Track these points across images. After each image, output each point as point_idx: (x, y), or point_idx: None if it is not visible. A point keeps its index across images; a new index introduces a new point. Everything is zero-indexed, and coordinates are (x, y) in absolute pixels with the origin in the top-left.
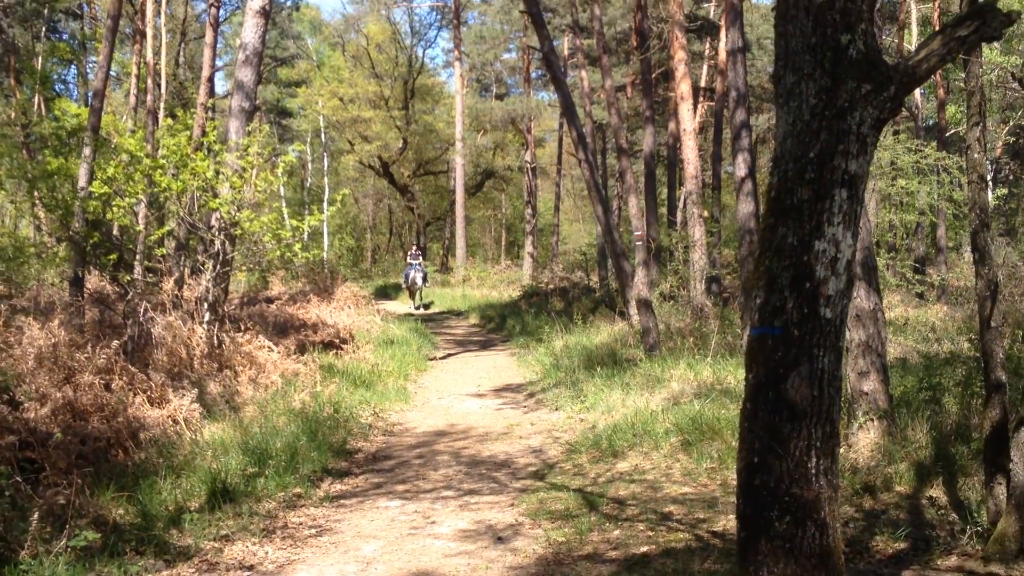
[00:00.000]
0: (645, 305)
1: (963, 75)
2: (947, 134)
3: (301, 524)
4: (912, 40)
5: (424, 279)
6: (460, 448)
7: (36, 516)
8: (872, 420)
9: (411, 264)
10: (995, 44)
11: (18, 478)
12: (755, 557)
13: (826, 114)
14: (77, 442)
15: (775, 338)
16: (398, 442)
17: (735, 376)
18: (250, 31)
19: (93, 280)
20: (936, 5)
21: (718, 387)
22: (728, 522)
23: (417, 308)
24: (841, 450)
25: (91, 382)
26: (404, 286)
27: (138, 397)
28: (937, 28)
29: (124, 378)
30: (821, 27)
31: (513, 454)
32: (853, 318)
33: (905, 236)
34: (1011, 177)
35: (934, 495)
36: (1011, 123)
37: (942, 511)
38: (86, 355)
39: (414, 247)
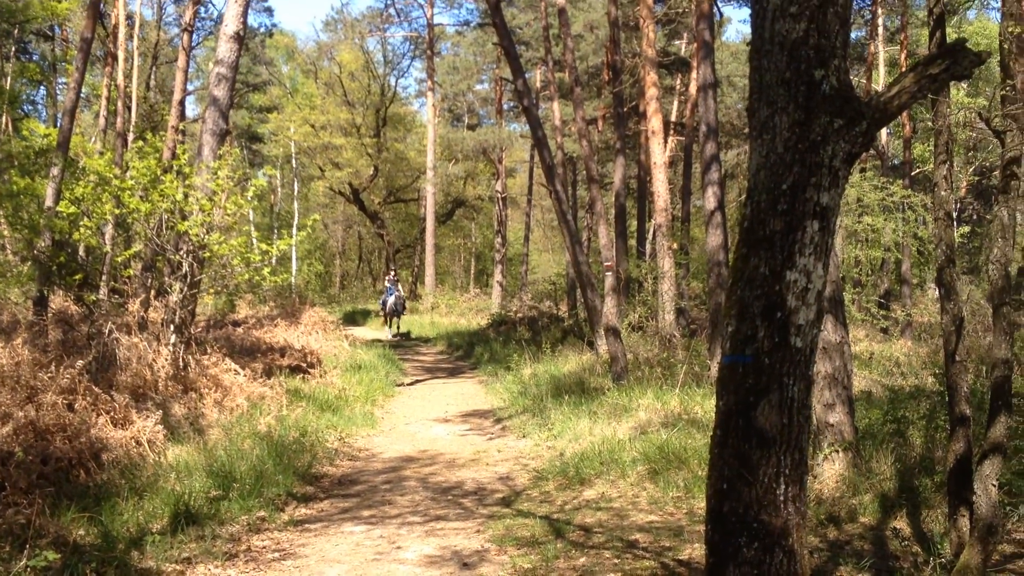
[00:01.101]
0: (613, 333)
1: (930, 115)
2: (913, 172)
3: (265, 548)
4: (880, 80)
5: (402, 306)
6: (427, 474)
7: None
8: (837, 451)
9: (388, 290)
10: (962, 85)
11: None
12: None
13: (799, 147)
14: (39, 462)
15: (746, 366)
16: (365, 467)
17: (702, 406)
18: (224, 53)
19: (58, 300)
20: (903, 47)
21: (685, 417)
22: (694, 551)
23: (394, 336)
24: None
25: (54, 402)
26: (380, 313)
27: (101, 418)
28: (904, 69)
29: (87, 398)
30: (795, 62)
31: (480, 481)
32: (820, 351)
33: (871, 272)
34: (975, 216)
35: (898, 527)
36: (976, 163)
37: (906, 543)
38: (49, 375)
39: (391, 273)
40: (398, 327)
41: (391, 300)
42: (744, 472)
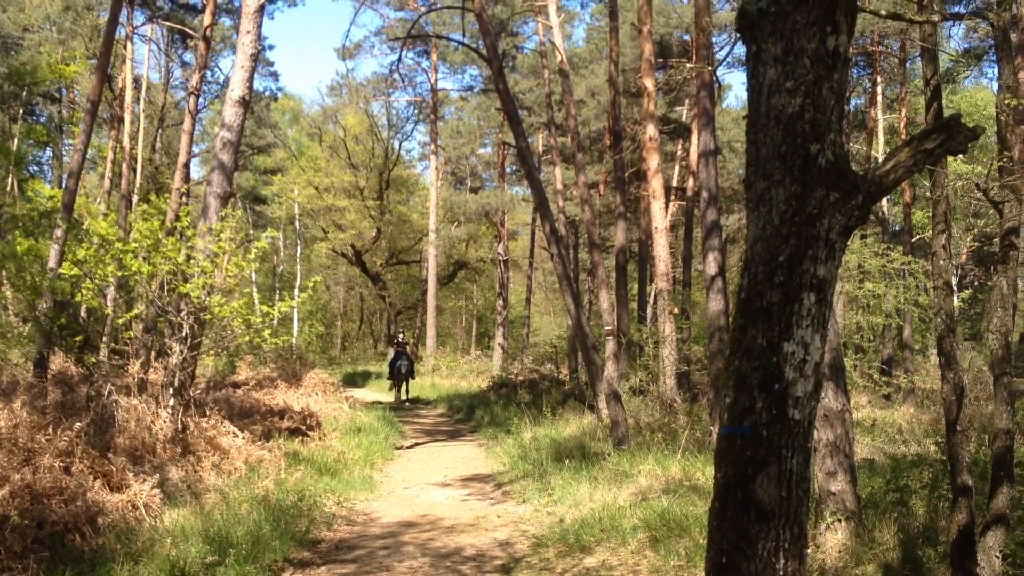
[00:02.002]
0: (615, 397)
1: (929, 183)
2: (914, 239)
3: None
4: (879, 147)
5: (411, 371)
6: (426, 539)
7: None
8: (840, 520)
9: (399, 353)
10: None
11: None
12: None
13: (795, 220)
14: (34, 526)
15: (744, 438)
16: (363, 532)
17: (703, 473)
18: (230, 118)
19: (58, 361)
20: (902, 114)
21: (687, 483)
22: None
23: (403, 402)
24: (809, 550)
25: (51, 464)
26: (389, 377)
27: (98, 481)
28: (903, 136)
29: (85, 461)
30: (791, 136)
31: (480, 547)
32: (821, 418)
33: (872, 338)
34: (976, 283)
35: None
36: (975, 231)
37: None
38: (47, 437)
39: (400, 335)
40: (407, 392)
41: (399, 364)
42: (743, 546)
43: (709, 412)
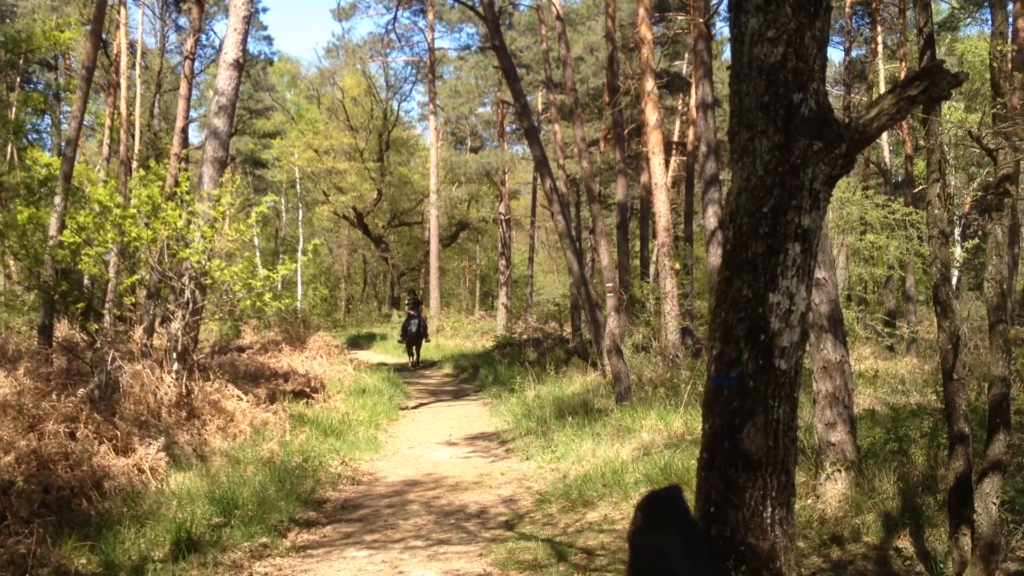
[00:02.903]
0: (617, 353)
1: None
2: (916, 189)
3: (267, 574)
4: None
5: (424, 333)
6: (431, 498)
7: None
8: (840, 471)
9: (410, 315)
10: (960, 103)
11: None
12: None
13: (779, 170)
14: (40, 491)
15: (731, 389)
16: (368, 491)
17: None
18: (224, 82)
19: (62, 328)
20: (903, 64)
21: (688, 437)
22: None
23: (414, 366)
24: (809, 501)
25: (56, 430)
26: (401, 340)
27: (103, 446)
28: None
29: (90, 426)
30: (774, 86)
31: (484, 503)
32: (820, 370)
33: (875, 290)
34: (979, 232)
35: (901, 546)
36: (977, 179)
37: (909, 562)
38: (52, 403)
39: (412, 294)
40: (418, 356)
41: (411, 327)
42: (731, 495)
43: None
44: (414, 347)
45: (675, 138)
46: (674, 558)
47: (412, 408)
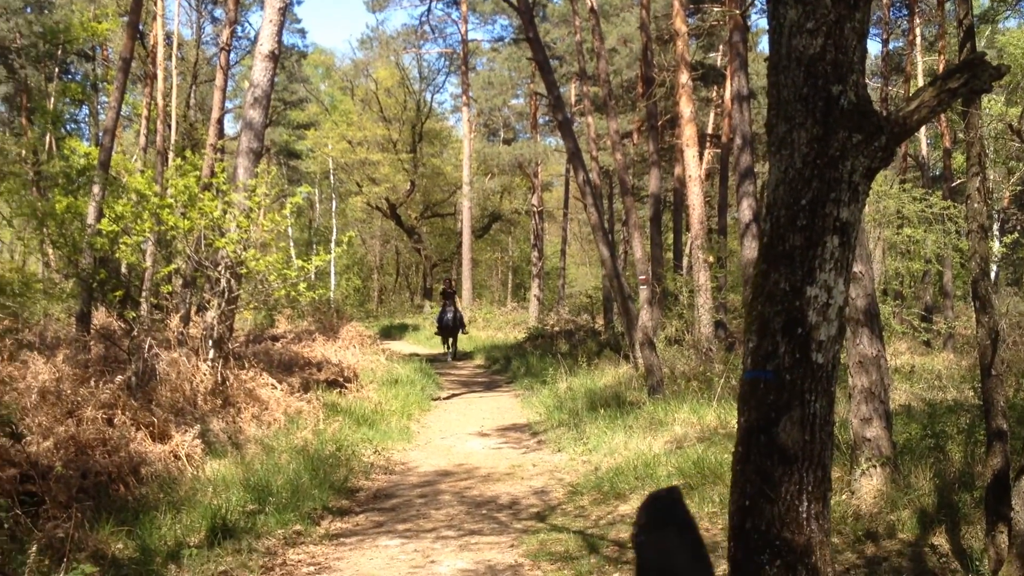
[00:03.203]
0: (649, 346)
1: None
2: (954, 183)
3: (300, 562)
4: None
5: (461, 325)
6: (463, 488)
7: (35, 549)
8: (875, 467)
9: (446, 306)
10: (1000, 96)
11: (18, 511)
12: None
13: (818, 163)
14: (78, 476)
15: (767, 382)
16: (400, 481)
17: None
18: (259, 74)
19: (100, 316)
20: (941, 56)
21: (722, 431)
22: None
23: (452, 357)
24: (844, 496)
25: (94, 417)
26: (437, 332)
27: (140, 432)
28: None
29: (127, 413)
30: (812, 78)
31: (515, 495)
32: (856, 364)
33: (912, 284)
34: (1018, 227)
35: (937, 543)
36: (1017, 173)
37: (944, 559)
38: (90, 390)
39: (447, 283)
40: (455, 347)
41: (447, 317)
42: (766, 489)
43: (744, 360)
44: (451, 338)
45: (709, 130)
46: (677, 557)
47: (444, 399)
